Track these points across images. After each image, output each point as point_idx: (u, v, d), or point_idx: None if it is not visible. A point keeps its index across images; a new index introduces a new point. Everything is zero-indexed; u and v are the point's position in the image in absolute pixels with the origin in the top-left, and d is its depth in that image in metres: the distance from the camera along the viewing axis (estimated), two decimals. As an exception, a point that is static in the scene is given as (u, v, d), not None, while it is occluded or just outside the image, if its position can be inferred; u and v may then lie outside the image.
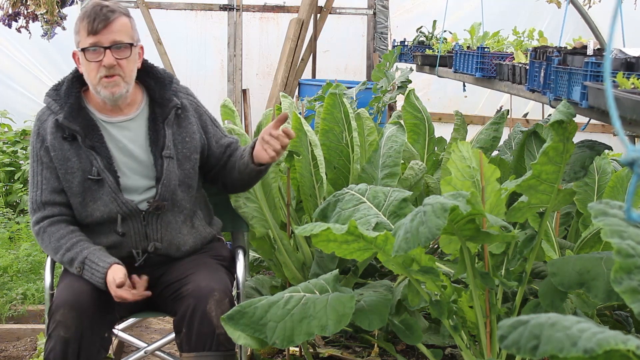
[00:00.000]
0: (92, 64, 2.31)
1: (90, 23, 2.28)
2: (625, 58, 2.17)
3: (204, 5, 6.85)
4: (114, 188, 2.35)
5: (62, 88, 2.41)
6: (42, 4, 4.71)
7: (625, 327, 2.87)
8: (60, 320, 2.22)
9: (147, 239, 2.42)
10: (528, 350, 1.15)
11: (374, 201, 2.37)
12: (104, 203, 2.36)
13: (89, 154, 2.34)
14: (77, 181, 2.35)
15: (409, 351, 3.26)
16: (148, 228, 2.41)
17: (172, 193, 2.41)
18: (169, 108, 2.44)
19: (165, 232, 2.43)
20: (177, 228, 2.45)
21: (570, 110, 2.13)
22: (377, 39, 6.84)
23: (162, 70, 2.52)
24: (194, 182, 2.49)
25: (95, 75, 2.32)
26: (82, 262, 2.30)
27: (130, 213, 2.38)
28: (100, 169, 2.34)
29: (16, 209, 5.07)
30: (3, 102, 6.32)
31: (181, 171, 2.44)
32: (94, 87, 2.35)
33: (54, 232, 2.38)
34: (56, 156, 2.36)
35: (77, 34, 2.33)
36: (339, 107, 3.03)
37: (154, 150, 2.41)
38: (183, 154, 2.44)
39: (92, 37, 2.29)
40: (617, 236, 1.31)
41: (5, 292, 3.76)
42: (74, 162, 2.35)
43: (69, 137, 2.35)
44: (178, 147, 2.43)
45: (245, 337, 2.06)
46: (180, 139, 2.44)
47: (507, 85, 3.15)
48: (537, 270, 2.57)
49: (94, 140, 2.36)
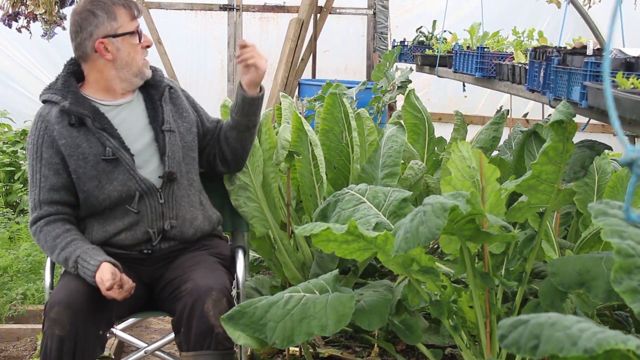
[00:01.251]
0: (138, 47, 2.45)
1: (129, 8, 2.41)
2: (624, 58, 2.17)
3: (204, 5, 6.85)
4: (131, 165, 2.38)
5: (57, 83, 2.45)
6: (40, 4, 4.71)
7: (625, 327, 2.87)
8: (55, 318, 2.22)
9: (163, 217, 2.44)
10: (528, 350, 1.16)
11: (374, 201, 2.37)
12: (121, 182, 2.38)
13: (100, 135, 2.37)
14: (90, 165, 2.37)
15: (409, 351, 3.26)
16: (165, 206, 2.44)
17: (178, 165, 2.46)
18: (162, 87, 2.53)
19: (179, 207, 2.47)
20: (189, 202, 2.50)
21: (570, 110, 2.13)
22: (377, 39, 6.84)
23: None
24: (196, 155, 2.57)
25: (141, 57, 2.47)
26: (75, 260, 2.31)
27: (147, 190, 2.41)
28: (115, 148, 2.37)
29: (16, 209, 5.07)
30: (3, 102, 6.32)
31: (184, 143, 2.50)
32: (139, 69, 2.46)
33: (50, 231, 2.38)
34: (65, 144, 2.36)
35: (113, 19, 2.39)
36: (339, 107, 3.03)
37: (155, 127, 2.47)
38: (184, 127, 2.52)
39: (136, 21, 2.44)
40: (617, 236, 1.31)
41: (5, 292, 3.76)
42: (85, 147, 2.37)
43: (76, 123, 2.37)
44: (178, 122, 2.51)
45: (245, 337, 2.06)
46: (177, 115, 2.53)
47: (507, 85, 3.15)
48: (537, 270, 2.57)
49: (103, 123, 2.40)
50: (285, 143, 2.87)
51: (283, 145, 2.86)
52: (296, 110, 3.13)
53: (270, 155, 2.88)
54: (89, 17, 2.37)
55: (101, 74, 2.43)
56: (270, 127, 2.93)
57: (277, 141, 2.88)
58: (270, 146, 2.89)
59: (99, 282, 2.26)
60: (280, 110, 3.26)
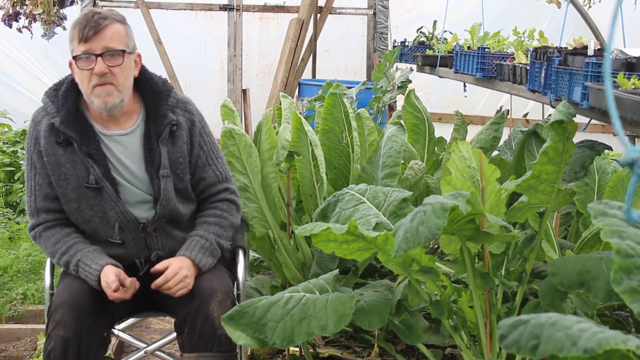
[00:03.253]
0: (84, 73, 2.24)
1: (81, 30, 2.22)
2: (625, 58, 2.17)
3: (204, 5, 6.85)
4: (113, 197, 2.30)
5: (61, 89, 2.35)
6: (39, 4, 4.71)
7: (625, 327, 2.87)
8: (59, 320, 2.22)
9: (148, 248, 2.40)
10: (528, 350, 1.15)
11: (374, 201, 2.37)
12: (102, 210, 2.32)
13: (85, 161, 2.29)
14: (71, 187, 2.31)
15: (409, 351, 3.26)
16: (148, 239, 2.38)
17: (171, 211, 2.38)
18: (164, 125, 2.35)
19: (165, 240, 2.41)
20: (177, 236, 2.42)
21: (570, 110, 2.13)
22: (377, 39, 6.84)
23: (161, 83, 2.41)
24: (192, 196, 2.46)
25: (88, 84, 2.25)
26: (77, 265, 2.30)
27: (128, 223, 2.35)
28: (99, 177, 2.29)
29: (16, 209, 5.07)
30: (3, 102, 6.32)
31: (177, 189, 2.39)
32: (87, 96, 2.29)
33: (49, 236, 2.36)
34: (49, 161, 2.31)
35: (70, 42, 2.27)
36: (339, 107, 3.03)
37: (149, 170, 2.35)
38: (176, 174, 2.38)
39: (84, 45, 2.22)
40: (617, 236, 1.31)
41: (5, 292, 3.76)
42: (68, 169, 2.30)
43: (63, 142, 2.30)
44: (172, 167, 2.37)
45: (245, 337, 2.06)
46: (174, 158, 2.37)
47: (507, 86, 3.15)
48: (537, 270, 2.57)
49: (91, 147, 2.30)
50: (286, 143, 2.87)
51: (283, 145, 2.86)
52: (296, 110, 3.13)
53: (271, 155, 2.88)
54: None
55: None
56: (271, 127, 2.93)
57: (277, 141, 2.88)
58: (271, 146, 2.89)
59: (105, 286, 2.24)
60: (280, 110, 3.26)
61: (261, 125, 2.95)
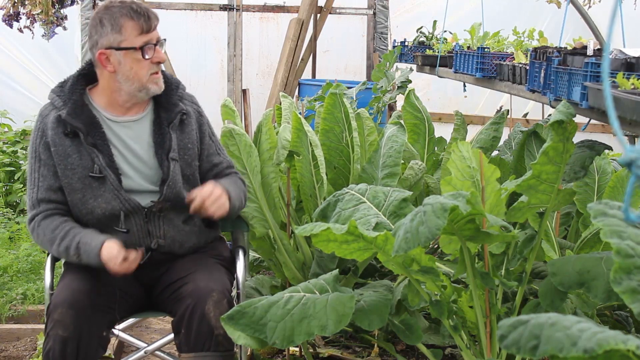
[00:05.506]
0: (143, 62, 2.36)
1: (145, 21, 2.35)
2: (625, 58, 2.17)
3: (204, 5, 6.85)
4: (116, 185, 2.35)
5: (67, 85, 2.41)
6: (37, 4, 4.71)
7: (625, 327, 2.87)
8: (58, 319, 2.22)
9: (150, 235, 2.41)
10: (528, 350, 1.16)
11: (374, 201, 2.37)
12: (106, 200, 2.35)
13: (91, 151, 2.34)
14: (77, 177, 2.35)
15: (409, 351, 3.26)
16: (150, 225, 2.41)
17: (177, 194, 2.41)
18: (175, 113, 2.45)
19: (167, 228, 2.43)
20: (179, 225, 2.45)
21: (570, 110, 2.13)
22: (377, 39, 6.84)
23: (169, 75, 2.53)
24: (197, 184, 2.48)
25: (147, 72, 2.38)
26: (77, 246, 2.30)
27: (132, 210, 2.37)
28: (102, 167, 2.34)
29: (16, 209, 5.07)
30: (3, 102, 6.32)
31: (184, 175, 2.44)
32: (142, 84, 2.38)
33: (47, 224, 2.37)
34: (56, 151, 2.35)
35: (119, 32, 2.33)
36: (339, 107, 3.03)
37: (159, 153, 2.41)
38: (185, 160, 2.44)
39: (145, 36, 2.36)
40: (617, 236, 1.31)
41: (5, 292, 3.77)
42: (75, 159, 2.35)
43: (70, 134, 2.35)
44: (181, 153, 2.44)
45: (245, 337, 2.06)
46: (183, 144, 2.45)
47: (507, 86, 3.15)
48: (537, 270, 2.57)
49: (96, 138, 2.36)
50: (286, 143, 2.87)
51: (283, 145, 2.86)
52: (296, 110, 3.13)
53: (271, 155, 2.88)
54: (97, 25, 2.34)
55: (107, 83, 2.40)
56: (271, 127, 2.93)
57: (277, 141, 2.88)
58: (271, 146, 2.89)
59: (110, 259, 2.24)
60: (280, 110, 3.26)
61: (261, 125, 2.95)
